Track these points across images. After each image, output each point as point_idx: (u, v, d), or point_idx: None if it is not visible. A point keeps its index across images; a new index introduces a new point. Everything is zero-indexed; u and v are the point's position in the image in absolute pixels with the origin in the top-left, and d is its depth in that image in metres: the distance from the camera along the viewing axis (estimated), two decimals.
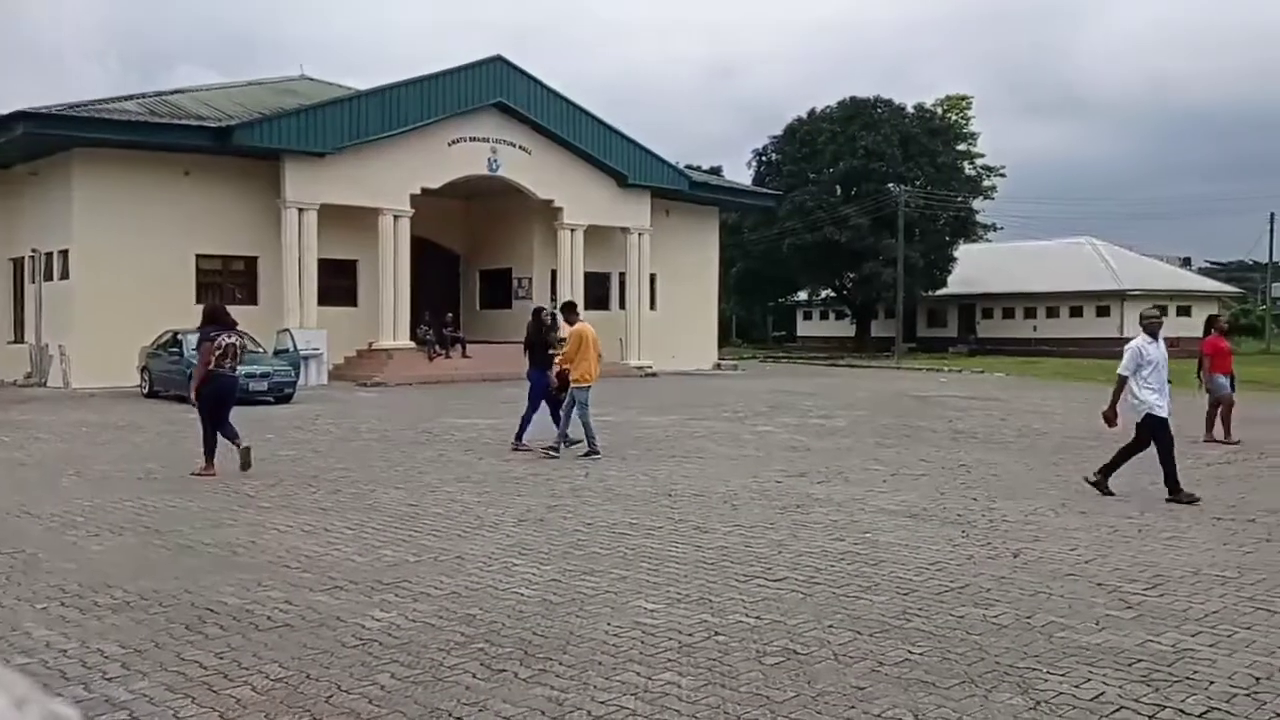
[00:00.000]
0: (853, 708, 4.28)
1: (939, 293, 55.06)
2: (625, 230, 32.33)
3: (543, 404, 12.98)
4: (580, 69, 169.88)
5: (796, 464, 11.80)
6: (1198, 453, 12.99)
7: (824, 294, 60.88)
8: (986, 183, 61.31)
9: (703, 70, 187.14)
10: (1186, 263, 75.42)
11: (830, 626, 5.42)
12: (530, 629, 5.36)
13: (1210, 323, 15.29)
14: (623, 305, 32.95)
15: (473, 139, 28.97)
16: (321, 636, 5.24)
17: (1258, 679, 4.64)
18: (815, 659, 4.90)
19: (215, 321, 11.02)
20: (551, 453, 12.24)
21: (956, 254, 54.40)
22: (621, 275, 32.85)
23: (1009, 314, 56.45)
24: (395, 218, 27.84)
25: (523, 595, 6.03)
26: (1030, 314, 55.71)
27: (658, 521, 8.32)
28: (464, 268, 34.44)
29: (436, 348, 28.14)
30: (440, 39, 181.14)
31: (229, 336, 10.90)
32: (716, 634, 5.29)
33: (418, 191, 28.05)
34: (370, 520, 8.35)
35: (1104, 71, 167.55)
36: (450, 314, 30.12)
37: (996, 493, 9.83)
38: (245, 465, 10.81)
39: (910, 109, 54.12)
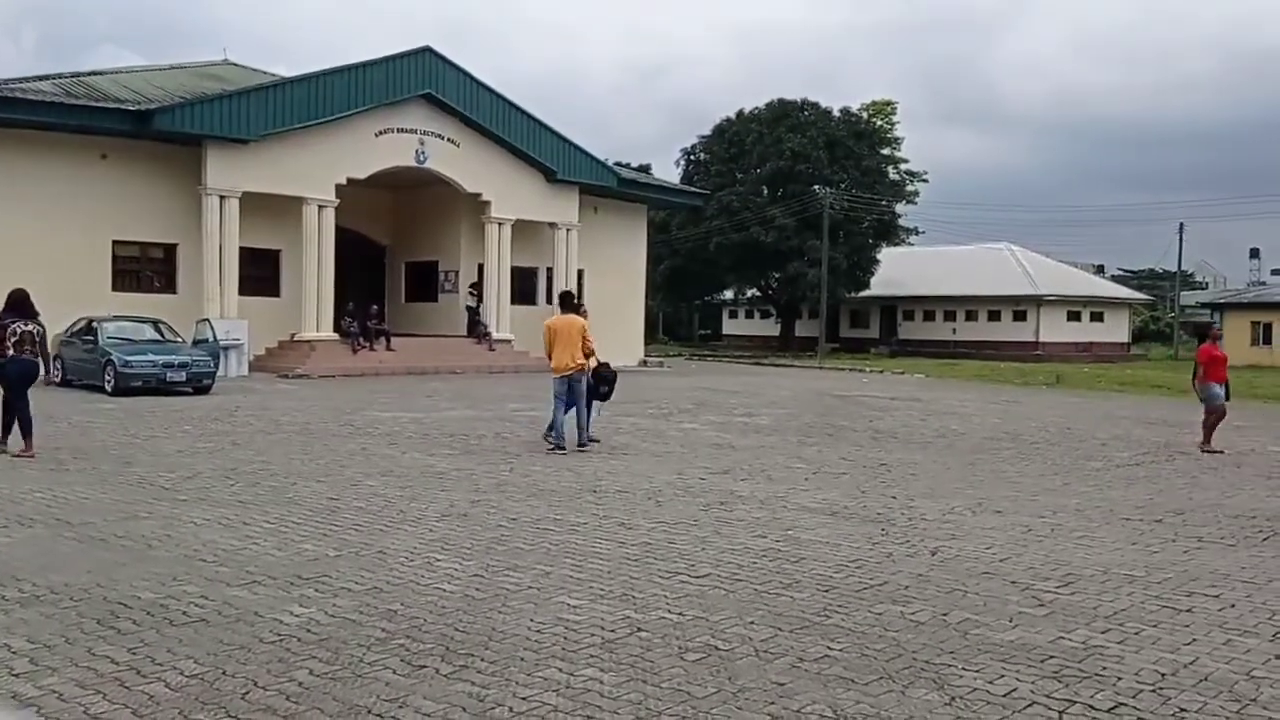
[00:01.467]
0: (773, 704, 4.32)
1: (862, 294, 55.89)
2: (553, 225, 32.22)
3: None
4: (510, 65, 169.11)
5: (721, 461, 11.87)
6: (1108, 455, 13.37)
7: (750, 293, 61.48)
8: (910, 187, 62.39)
9: (633, 69, 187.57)
10: (1100, 270, 77.81)
11: (752, 623, 5.46)
12: (452, 625, 5.31)
13: (1205, 331, 14.91)
14: (549, 300, 32.83)
15: (400, 130, 28.59)
16: (238, 632, 5.13)
17: (1163, 675, 4.79)
18: (737, 655, 4.93)
19: (15, 309, 11.46)
20: (581, 448, 12.54)
21: (879, 256, 55.26)
22: (549, 270, 32.73)
23: (929, 316, 57.58)
24: (320, 207, 27.35)
25: (445, 591, 5.97)
26: (950, 317, 56.87)
27: (582, 517, 8.30)
28: (390, 259, 34.00)
29: (361, 340, 27.74)
30: (369, 31, 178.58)
31: (25, 324, 11.37)
32: (639, 630, 5.29)
33: (343, 181, 27.60)
34: (290, 514, 8.19)
35: (1022, 83, 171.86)
36: (375, 306, 29.69)
37: (915, 491, 10.01)
38: (13, 454, 11.10)
39: (836, 113, 54.79)
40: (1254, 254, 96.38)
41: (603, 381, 13.28)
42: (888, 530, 8.07)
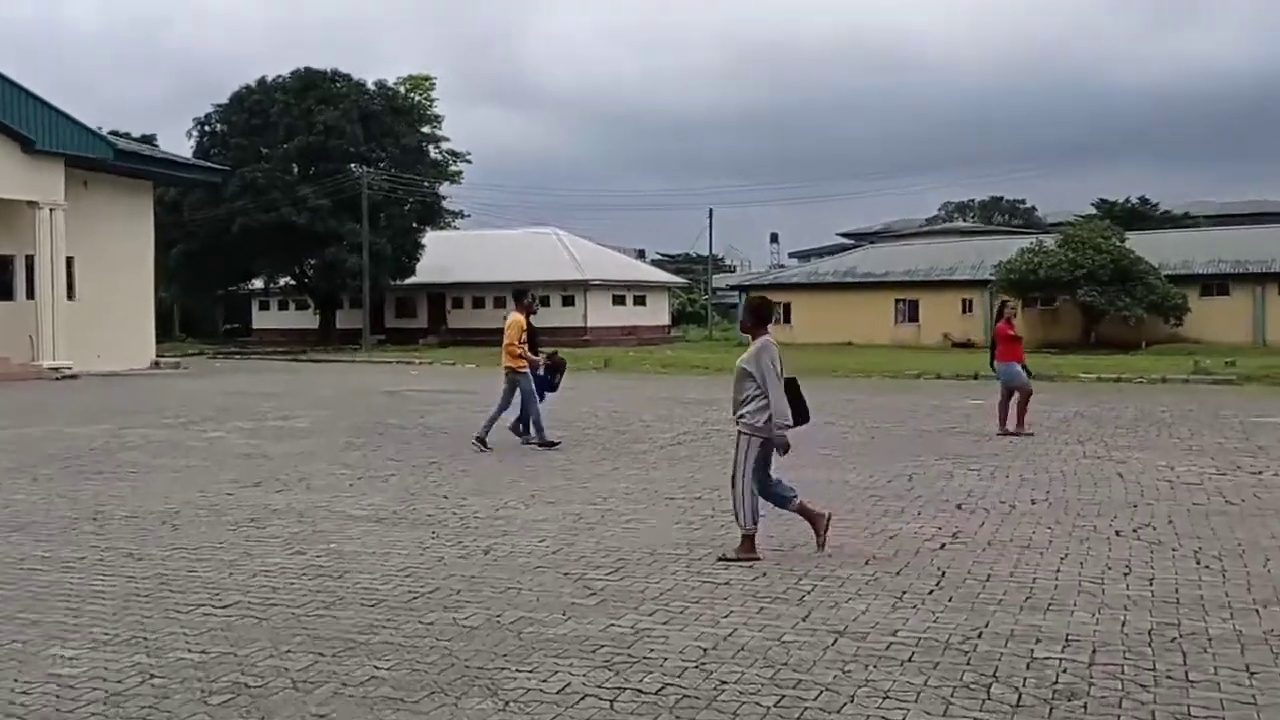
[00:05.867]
0: None
1: (408, 281, 55.94)
2: (33, 204, 28.85)
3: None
4: None
5: (252, 473, 11.31)
6: (652, 437, 14.43)
7: (283, 281, 59.14)
8: (453, 168, 63.33)
9: (125, 21, 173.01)
10: (641, 255, 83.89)
11: (288, 651, 5.25)
12: None
13: (1002, 308, 15.12)
14: (31, 294, 29.39)
15: None
16: None
17: (705, 650, 5.24)
18: (270, 690, 4.71)
19: None
20: (544, 444, 13.02)
21: (425, 241, 55.58)
22: (29, 258, 29.29)
23: (479, 304, 58.83)
24: None
25: None
26: (500, 304, 58.22)
27: (79, 552, 7.53)
28: None
29: None
30: None
31: None
32: (153, 677, 4.89)
33: None
34: None
35: (558, 67, 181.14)
36: None
37: (467, 489, 10.17)
38: None
39: (371, 86, 54.27)
40: (774, 239, 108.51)
41: (554, 370, 14.16)
42: (439, 533, 8.12)
